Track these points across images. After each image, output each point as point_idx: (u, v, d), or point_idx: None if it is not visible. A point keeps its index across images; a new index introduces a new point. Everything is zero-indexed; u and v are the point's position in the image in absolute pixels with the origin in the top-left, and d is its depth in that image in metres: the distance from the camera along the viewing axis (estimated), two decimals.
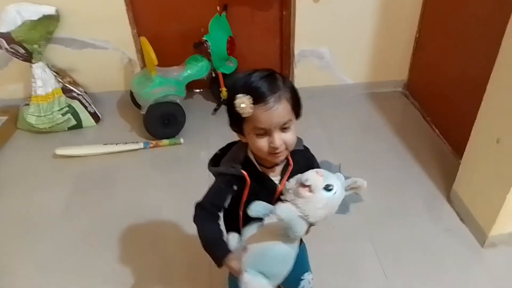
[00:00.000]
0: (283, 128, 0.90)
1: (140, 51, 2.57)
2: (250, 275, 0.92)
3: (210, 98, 2.78)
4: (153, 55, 2.19)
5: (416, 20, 2.57)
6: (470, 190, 1.82)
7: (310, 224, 0.90)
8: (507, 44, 1.51)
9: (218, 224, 1.03)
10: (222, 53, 2.43)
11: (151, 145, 2.36)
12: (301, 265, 1.15)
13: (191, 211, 1.90)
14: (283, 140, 0.90)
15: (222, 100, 2.64)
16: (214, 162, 1.04)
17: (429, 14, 2.48)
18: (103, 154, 2.32)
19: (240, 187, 0.98)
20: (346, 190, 0.93)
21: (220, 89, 2.58)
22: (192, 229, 1.81)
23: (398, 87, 2.87)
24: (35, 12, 2.24)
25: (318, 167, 1.03)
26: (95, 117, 2.58)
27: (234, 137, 1.01)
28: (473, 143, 1.77)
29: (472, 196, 1.81)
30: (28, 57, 2.32)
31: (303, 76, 2.72)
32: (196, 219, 1.04)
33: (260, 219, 0.93)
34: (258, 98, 0.86)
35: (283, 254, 0.94)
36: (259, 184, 0.98)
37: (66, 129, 2.52)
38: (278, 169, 1.00)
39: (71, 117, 2.49)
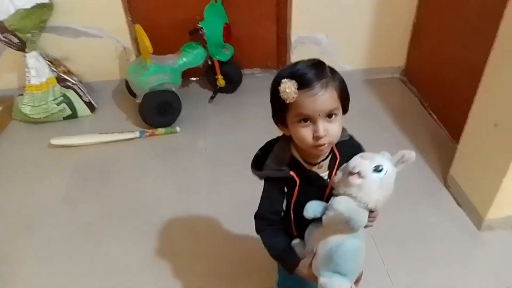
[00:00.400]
0: (329, 118, 0.85)
1: (135, 39, 2.54)
2: (326, 277, 0.89)
3: (206, 86, 2.76)
4: (147, 43, 2.17)
5: (414, 6, 2.55)
6: (467, 174, 1.82)
7: (371, 210, 0.87)
8: (504, 29, 1.50)
9: (283, 232, 1.01)
10: (218, 40, 2.41)
11: (147, 134, 2.35)
12: None
13: (189, 199, 1.94)
14: (328, 130, 0.85)
15: (218, 88, 2.63)
16: (256, 164, 0.99)
17: (427, 0, 2.46)
18: (99, 144, 2.30)
19: (290, 188, 0.95)
20: (395, 166, 0.89)
21: (216, 77, 2.56)
22: (191, 216, 1.84)
23: (395, 73, 2.85)
24: (28, 0, 2.21)
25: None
26: (90, 107, 2.56)
27: (231, 125, 0.99)
28: (470, 128, 1.76)
29: (469, 180, 1.81)
30: (21, 47, 2.29)
31: None
32: (259, 231, 1.02)
33: (316, 219, 0.91)
34: (304, 83, 0.82)
35: (352, 248, 0.89)
36: (309, 182, 0.94)
37: (62, 119, 2.50)
38: (325, 164, 0.96)
39: (66, 106, 2.47)
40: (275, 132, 0.99)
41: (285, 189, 0.95)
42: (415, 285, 1.55)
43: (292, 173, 0.92)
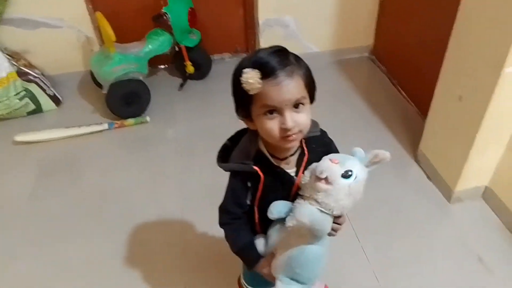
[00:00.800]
0: (296, 108, 0.80)
1: (98, 28, 2.46)
2: (284, 283, 0.88)
3: (175, 73, 2.70)
4: (110, 31, 2.09)
5: None
6: (435, 148, 1.86)
7: (337, 216, 0.84)
8: (464, 4, 1.51)
9: (246, 228, 0.99)
10: (184, 26, 2.35)
11: (116, 126, 2.29)
12: None
13: (161, 190, 1.91)
14: (296, 121, 0.80)
15: (187, 75, 2.58)
16: (223, 154, 0.95)
17: None
18: (66, 138, 2.23)
19: (255, 183, 0.90)
20: (368, 166, 0.85)
21: (185, 64, 2.51)
22: (163, 207, 1.82)
23: (364, 52, 2.86)
24: None
25: (336, 151, 0.96)
26: (55, 100, 2.47)
27: (202, 112, 0.96)
28: (436, 102, 1.79)
29: (437, 154, 1.85)
30: None
31: (268, 46, 2.66)
32: (222, 224, 1.00)
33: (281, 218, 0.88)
34: (267, 72, 0.76)
35: (314, 256, 0.88)
36: (275, 179, 0.90)
37: (25, 114, 2.40)
38: (293, 160, 0.91)
39: (29, 101, 2.37)
40: None
41: (249, 184, 0.92)
42: (388, 258, 1.58)
43: (256, 168, 0.87)
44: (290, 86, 0.78)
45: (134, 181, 1.98)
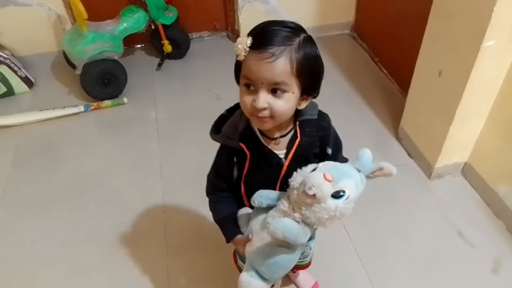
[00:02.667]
0: (274, 92, 0.75)
1: (69, 5, 2.35)
2: (247, 276, 0.89)
3: (152, 53, 2.62)
4: (81, 7, 1.99)
5: None
6: (416, 125, 1.86)
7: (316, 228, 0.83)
8: None
9: (231, 200, 0.97)
10: (159, 2, 2.26)
11: (92, 108, 2.22)
12: None
13: (143, 173, 1.87)
14: (269, 104, 0.75)
15: (165, 54, 2.50)
16: (219, 125, 0.89)
17: None
18: (40, 121, 2.15)
19: (242, 159, 0.88)
20: (368, 177, 0.81)
21: (162, 42, 2.43)
22: (144, 190, 1.78)
23: (345, 29, 2.82)
24: None
25: (335, 139, 0.93)
26: (28, 82, 2.37)
27: (182, 92, 0.92)
28: (416, 78, 1.78)
29: (418, 131, 1.84)
30: None
31: (249, 23, 2.54)
32: (207, 194, 0.99)
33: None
34: (257, 43, 0.72)
35: (284, 262, 0.88)
36: (261, 158, 0.87)
37: None
38: (284, 141, 0.87)
39: (0, 84, 2.27)
40: (228, 97, 0.92)
41: (235, 159, 0.89)
42: (369, 234, 1.59)
43: (242, 145, 0.84)
44: (270, 65, 0.72)
45: (114, 164, 1.94)
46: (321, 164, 0.80)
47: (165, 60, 2.54)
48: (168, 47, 2.45)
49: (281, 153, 0.87)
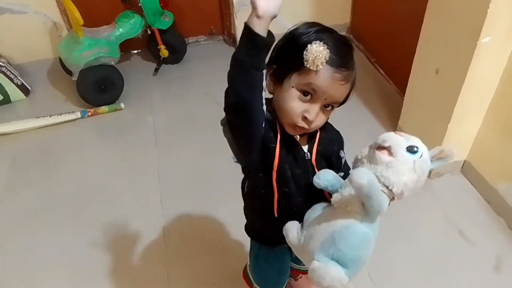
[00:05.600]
0: (325, 107, 0.78)
1: (65, 12, 2.35)
2: (321, 261, 0.73)
3: (149, 58, 2.62)
4: (77, 14, 1.99)
5: None
6: (414, 124, 1.85)
7: (392, 198, 0.73)
8: None
9: None
10: (155, 7, 2.27)
11: (89, 114, 2.21)
12: None
13: (141, 178, 1.86)
14: (317, 118, 0.77)
15: (162, 59, 2.50)
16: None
17: None
18: (37, 129, 2.15)
19: (272, 138, 0.81)
20: (431, 162, 0.75)
21: (159, 47, 2.43)
22: (143, 196, 1.77)
23: (342, 31, 2.82)
24: None
25: (343, 142, 0.94)
26: (24, 90, 2.36)
27: (179, 97, 0.90)
28: (414, 77, 1.78)
29: (416, 130, 1.82)
30: None
31: None
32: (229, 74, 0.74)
33: (317, 207, 0.79)
34: (334, 62, 0.73)
35: (361, 234, 0.74)
36: (289, 148, 0.83)
37: None
38: (304, 138, 0.86)
39: None
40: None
41: (271, 134, 0.81)
42: None
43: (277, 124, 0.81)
44: (342, 88, 0.77)
45: (111, 170, 1.92)
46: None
47: (161, 65, 2.54)
48: (164, 52, 2.45)
49: (303, 147, 0.86)
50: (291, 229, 0.83)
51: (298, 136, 0.84)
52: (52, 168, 1.95)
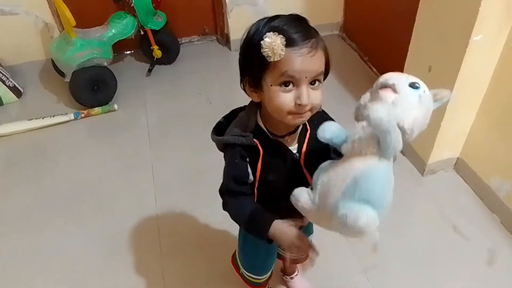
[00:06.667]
0: (312, 84, 0.76)
1: (56, 13, 2.34)
2: (348, 208, 0.67)
3: (142, 58, 2.61)
4: (69, 14, 1.98)
5: None
6: None
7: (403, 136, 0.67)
8: None
9: (251, 200, 0.88)
10: (148, 7, 2.26)
11: (83, 115, 2.20)
12: (307, 227, 1.11)
13: (137, 178, 1.86)
14: (311, 98, 0.75)
15: (155, 59, 2.49)
16: (218, 132, 0.87)
17: None
18: (30, 131, 2.13)
19: (253, 159, 0.83)
20: None
21: (152, 48, 2.42)
22: (137, 195, 1.76)
23: (334, 30, 2.83)
24: None
25: None
26: (16, 92, 2.34)
27: (172, 97, 0.90)
28: None
29: None
30: None
31: (238, 26, 2.60)
32: (226, 205, 0.88)
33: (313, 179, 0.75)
34: (292, 41, 0.71)
35: (385, 173, 0.70)
36: (274, 154, 0.84)
37: None
38: (293, 137, 0.86)
39: None
40: (219, 100, 0.90)
41: (248, 160, 0.84)
42: None
43: (256, 140, 0.82)
44: (314, 58, 0.74)
45: (106, 171, 1.92)
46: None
47: (155, 66, 2.54)
48: (157, 52, 2.44)
49: (292, 148, 0.86)
50: (301, 194, 0.76)
51: (284, 140, 0.85)
52: (46, 169, 1.93)
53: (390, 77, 0.69)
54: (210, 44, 2.81)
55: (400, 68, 1.79)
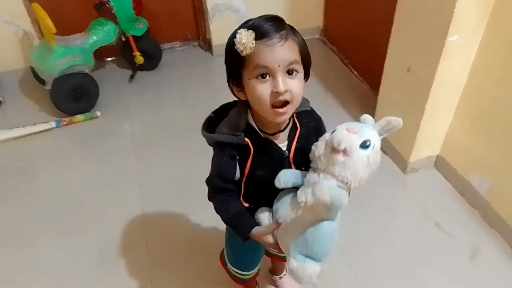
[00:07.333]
0: (289, 74, 0.77)
1: (36, 21, 2.31)
2: (299, 262, 0.82)
3: (124, 65, 2.60)
4: (49, 22, 1.96)
5: None
6: None
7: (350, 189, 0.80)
8: None
9: (235, 196, 0.93)
10: (129, 14, 2.25)
11: (64, 123, 2.17)
12: None
13: (121, 186, 1.84)
14: (288, 86, 0.77)
15: (137, 66, 2.48)
16: (209, 127, 0.89)
17: None
18: (10, 140, 2.09)
19: (244, 158, 0.86)
20: (380, 134, 0.80)
21: (134, 54, 2.42)
22: (123, 204, 1.75)
23: (315, 34, 2.88)
24: None
25: (324, 128, 0.95)
26: None
27: (156, 103, 0.90)
28: (386, 76, 1.83)
29: None
30: None
31: (220, 32, 2.62)
32: (210, 197, 0.94)
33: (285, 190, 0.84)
34: (261, 34, 0.75)
35: (329, 232, 0.82)
36: (264, 153, 0.87)
37: None
38: (283, 135, 0.88)
39: None
40: (203, 105, 0.91)
41: (238, 158, 0.87)
42: (350, 232, 1.60)
43: (247, 139, 0.84)
44: (283, 48, 0.76)
45: (90, 179, 1.90)
46: (337, 127, 0.79)
47: (137, 72, 2.53)
48: (140, 59, 2.44)
49: (282, 145, 0.88)
50: (263, 219, 0.91)
51: (274, 137, 0.87)
52: (29, 179, 1.90)
53: (343, 140, 0.74)
54: (192, 50, 2.81)
55: (380, 70, 1.83)
